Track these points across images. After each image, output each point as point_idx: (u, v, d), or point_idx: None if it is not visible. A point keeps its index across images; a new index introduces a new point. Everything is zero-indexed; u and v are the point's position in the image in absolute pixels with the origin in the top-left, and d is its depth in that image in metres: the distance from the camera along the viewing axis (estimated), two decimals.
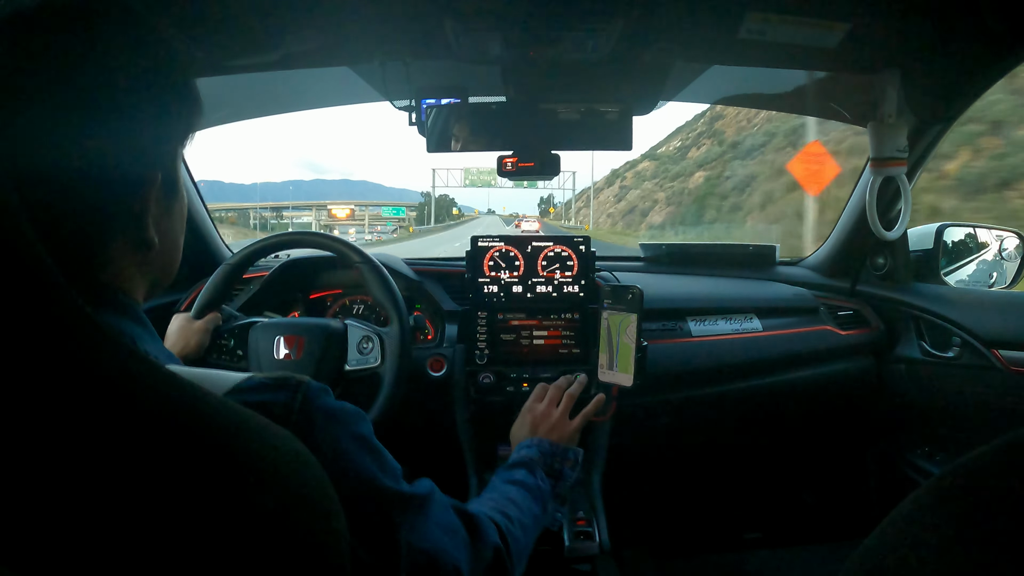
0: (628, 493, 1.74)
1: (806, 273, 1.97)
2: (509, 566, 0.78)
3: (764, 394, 1.72)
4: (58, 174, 0.48)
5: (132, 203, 0.54)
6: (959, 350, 1.57)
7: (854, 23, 1.18)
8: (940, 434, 1.73)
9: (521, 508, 0.89)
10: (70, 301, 0.33)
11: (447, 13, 1.13)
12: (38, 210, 0.35)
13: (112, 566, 0.33)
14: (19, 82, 0.46)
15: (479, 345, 1.54)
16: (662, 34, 1.25)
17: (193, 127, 0.61)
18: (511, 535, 0.82)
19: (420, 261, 1.84)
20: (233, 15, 1.13)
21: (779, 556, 1.71)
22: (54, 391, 0.32)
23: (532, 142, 1.38)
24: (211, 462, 0.37)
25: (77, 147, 0.49)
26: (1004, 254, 1.81)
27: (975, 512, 0.33)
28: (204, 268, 1.50)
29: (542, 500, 0.95)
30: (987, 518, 0.32)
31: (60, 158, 0.48)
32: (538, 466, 1.00)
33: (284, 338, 1.24)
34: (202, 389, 0.39)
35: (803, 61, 1.38)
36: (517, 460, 1.01)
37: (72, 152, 0.48)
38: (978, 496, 0.33)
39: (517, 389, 1.49)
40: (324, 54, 1.35)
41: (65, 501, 0.32)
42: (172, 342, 1.23)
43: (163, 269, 0.63)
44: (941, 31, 1.22)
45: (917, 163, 1.60)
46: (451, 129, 1.39)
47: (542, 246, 1.61)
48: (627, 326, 1.26)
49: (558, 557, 1.33)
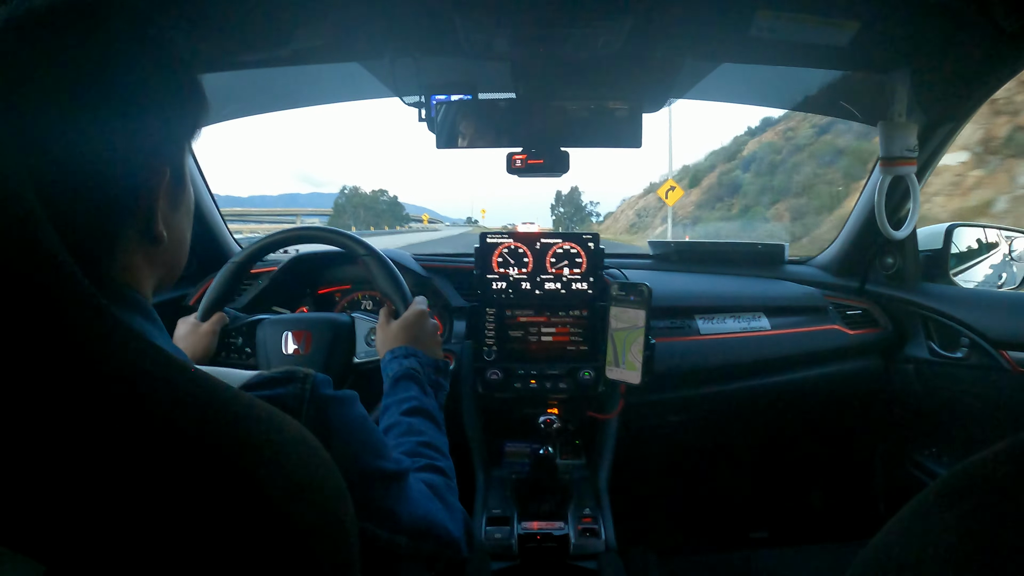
0: (634, 491, 1.74)
1: (815, 272, 1.97)
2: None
3: (772, 393, 1.72)
4: (68, 170, 0.49)
5: (141, 198, 0.55)
6: (967, 351, 1.57)
7: (864, 22, 1.18)
8: (948, 435, 1.73)
9: (431, 442, 0.91)
10: (87, 294, 0.34)
11: (457, 9, 1.13)
12: (49, 206, 0.35)
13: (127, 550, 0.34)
14: (29, 80, 0.47)
15: (487, 341, 1.54)
16: (672, 31, 1.24)
17: (200, 123, 0.62)
18: (448, 487, 0.86)
19: (429, 257, 1.84)
20: (243, 11, 1.14)
21: (785, 555, 1.71)
22: (70, 381, 0.32)
23: (541, 139, 1.38)
24: (223, 451, 0.38)
25: (86, 144, 0.49)
26: (1013, 255, 1.81)
27: (982, 513, 0.33)
28: (213, 263, 1.51)
29: (437, 421, 0.97)
30: (995, 519, 0.32)
31: (70, 154, 0.48)
32: (423, 380, 1.02)
33: (292, 333, 1.24)
34: (214, 380, 0.40)
35: (813, 60, 1.38)
36: (401, 372, 1.02)
37: (81, 149, 0.49)
38: (986, 497, 0.33)
39: (525, 386, 1.50)
40: (334, 50, 1.35)
41: (81, 488, 0.33)
42: (180, 348, 1.22)
43: (171, 264, 0.64)
44: (951, 30, 1.21)
45: (927, 163, 1.60)
46: (460, 125, 1.39)
47: (551, 243, 1.61)
48: (635, 336, 1.26)
49: (564, 554, 1.33)
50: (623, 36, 1.21)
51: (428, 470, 0.85)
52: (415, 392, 0.99)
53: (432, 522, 0.74)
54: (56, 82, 0.48)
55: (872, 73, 1.43)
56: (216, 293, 1.29)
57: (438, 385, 1.07)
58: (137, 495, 0.34)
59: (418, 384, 1.01)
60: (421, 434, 0.91)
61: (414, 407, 0.95)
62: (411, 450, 0.88)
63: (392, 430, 0.92)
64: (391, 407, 0.96)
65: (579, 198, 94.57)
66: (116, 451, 0.34)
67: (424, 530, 0.72)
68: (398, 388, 0.99)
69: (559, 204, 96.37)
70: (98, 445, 0.33)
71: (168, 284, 0.65)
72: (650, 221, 44.66)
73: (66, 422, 0.32)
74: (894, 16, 1.19)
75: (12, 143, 0.46)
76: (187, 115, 0.60)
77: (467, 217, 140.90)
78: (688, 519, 2.07)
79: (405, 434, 0.91)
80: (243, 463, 0.38)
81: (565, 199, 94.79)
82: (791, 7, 1.15)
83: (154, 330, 0.58)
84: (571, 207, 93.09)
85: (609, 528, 1.39)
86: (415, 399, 0.97)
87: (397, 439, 0.90)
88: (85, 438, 0.33)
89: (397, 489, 0.70)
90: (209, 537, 0.36)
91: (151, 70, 0.54)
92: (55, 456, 0.32)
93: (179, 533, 0.35)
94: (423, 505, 0.74)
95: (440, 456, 0.90)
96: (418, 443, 0.89)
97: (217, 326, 1.26)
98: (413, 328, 1.14)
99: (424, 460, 0.86)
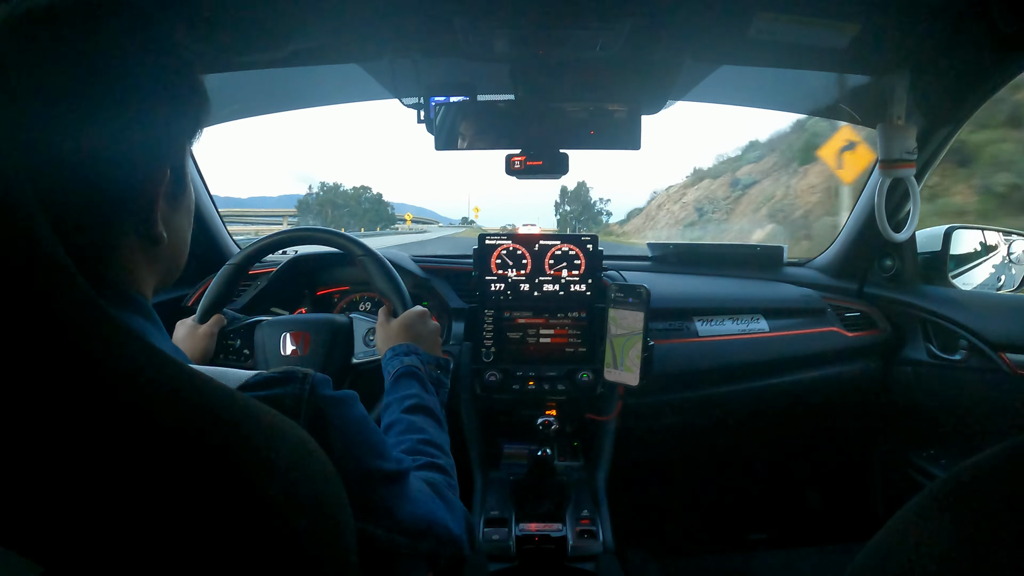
0: (632, 492, 1.74)
1: (813, 274, 1.97)
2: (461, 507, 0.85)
3: (770, 395, 1.72)
4: (67, 170, 0.49)
5: (141, 199, 0.55)
6: (966, 353, 1.57)
7: (864, 24, 1.18)
8: (946, 437, 1.73)
9: (432, 440, 0.92)
10: (86, 295, 0.34)
11: (457, 11, 1.14)
12: (48, 206, 0.35)
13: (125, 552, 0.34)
14: (28, 80, 0.47)
15: (485, 343, 1.54)
16: (671, 33, 1.25)
17: (201, 123, 0.62)
18: (448, 485, 0.86)
19: (428, 259, 1.84)
20: (243, 12, 1.14)
21: (784, 557, 1.70)
22: (68, 381, 0.32)
23: (540, 141, 1.38)
24: (220, 452, 0.37)
25: (86, 144, 0.49)
26: (1012, 257, 1.81)
27: (981, 515, 0.33)
28: (212, 263, 1.51)
29: (438, 419, 0.98)
30: (993, 521, 0.32)
31: (69, 155, 0.48)
32: (425, 377, 1.03)
33: (290, 334, 1.24)
34: (213, 381, 0.40)
35: (813, 62, 1.38)
36: (402, 369, 1.02)
37: (81, 149, 0.49)
38: (984, 499, 0.33)
39: (523, 387, 1.50)
40: (334, 51, 1.35)
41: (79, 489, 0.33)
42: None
43: (171, 265, 0.64)
44: (951, 32, 1.22)
45: (926, 165, 1.60)
46: (459, 127, 1.39)
47: (549, 244, 1.61)
48: (634, 342, 1.26)
49: (562, 556, 1.33)
50: (622, 38, 1.21)
51: (429, 468, 0.85)
52: (416, 389, 0.99)
53: (433, 521, 0.74)
54: (56, 82, 0.48)
55: (871, 75, 1.44)
56: (214, 294, 1.28)
57: (439, 383, 1.07)
58: (135, 496, 0.34)
59: (419, 381, 1.01)
60: (422, 431, 0.91)
61: (415, 404, 0.95)
62: (412, 448, 0.88)
63: (393, 427, 0.92)
64: (392, 404, 0.96)
65: (587, 195, 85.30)
66: (114, 452, 0.34)
67: (424, 529, 0.72)
68: (399, 385, 1.00)
69: (564, 202, 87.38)
70: (96, 446, 0.33)
71: (168, 284, 0.65)
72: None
73: (64, 423, 0.32)
74: (893, 19, 1.19)
75: (11, 143, 0.46)
76: (188, 116, 0.59)
77: (463, 217, 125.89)
78: (686, 521, 2.07)
79: (406, 431, 0.91)
80: (241, 464, 0.38)
81: (571, 196, 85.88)
82: (790, 9, 1.15)
83: (154, 330, 0.58)
84: (578, 205, 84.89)
85: (607, 530, 1.39)
86: (416, 396, 0.97)
87: (398, 436, 0.90)
88: (83, 439, 0.33)
89: (397, 489, 0.69)
90: (206, 538, 0.36)
91: (152, 70, 0.54)
92: (53, 457, 0.32)
93: (176, 534, 0.35)
94: (423, 504, 0.74)
95: (441, 454, 0.90)
96: (419, 440, 0.89)
97: (215, 327, 1.26)
98: (415, 326, 1.15)
99: (425, 458, 0.86)
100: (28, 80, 0.47)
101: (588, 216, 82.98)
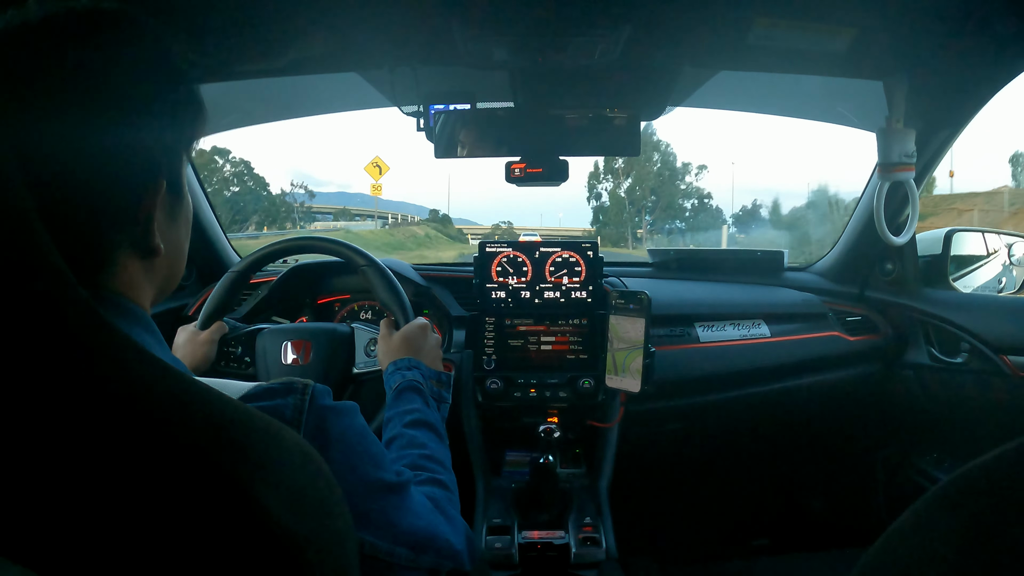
0: (635, 499, 1.74)
1: (814, 279, 1.97)
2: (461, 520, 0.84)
3: (772, 400, 1.72)
4: (63, 181, 0.48)
5: (138, 210, 0.54)
6: (968, 356, 1.57)
7: (862, 28, 1.18)
8: (949, 440, 1.73)
9: (434, 455, 0.91)
10: (85, 305, 0.34)
11: (456, 19, 1.14)
12: (45, 216, 0.35)
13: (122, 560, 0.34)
14: (24, 89, 0.47)
15: (487, 350, 1.54)
16: (670, 39, 1.25)
17: (198, 134, 0.61)
18: (450, 500, 0.86)
19: (429, 267, 1.84)
20: (242, 20, 1.14)
21: (786, 563, 1.70)
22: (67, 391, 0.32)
23: (540, 148, 1.38)
24: (220, 463, 0.37)
25: (82, 155, 0.49)
26: (1013, 259, 1.81)
27: (983, 518, 0.33)
28: (212, 273, 1.51)
29: (439, 434, 0.98)
30: (996, 524, 0.32)
31: (65, 165, 0.48)
32: (426, 392, 1.03)
33: (291, 343, 1.24)
34: (213, 391, 0.40)
35: (811, 66, 1.38)
36: (404, 384, 1.02)
37: (77, 160, 0.49)
38: (986, 502, 0.33)
39: (524, 395, 1.49)
40: (333, 59, 1.35)
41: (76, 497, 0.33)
42: (179, 356, 1.21)
43: (169, 275, 0.63)
44: (949, 36, 1.22)
45: (925, 168, 1.60)
46: (459, 135, 1.39)
47: (550, 252, 1.61)
48: (635, 355, 1.26)
49: (565, 564, 1.33)
50: (621, 44, 1.21)
51: (430, 483, 0.85)
52: (418, 404, 0.99)
53: (434, 534, 0.74)
54: (51, 92, 0.48)
55: (870, 79, 1.44)
56: (216, 302, 1.28)
57: (440, 398, 1.07)
58: (133, 505, 0.34)
59: (421, 396, 1.01)
60: (423, 447, 0.91)
61: (417, 419, 0.95)
62: (413, 463, 0.87)
63: (395, 442, 0.92)
64: (394, 418, 0.96)
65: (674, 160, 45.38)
66: (113, 461, 0.34)
67: (425, 542, 0.72)
68: (401, 399, 0.99)
69: (625, 176, 44.87)
70: (95, 455, 0.33)
71: (166, 295, 0.65)
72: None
73: (63, 432, 0.32)
74: (891, 22, 1.19)
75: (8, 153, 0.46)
76: (184, 126, 0.59)
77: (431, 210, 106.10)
78: (689, 527, 2.06)
79: (407, 446, 0.90)
80: (241, 475, 0.38)
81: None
82: (789, 14, 1.15)
83: (153, 341, 0.58)
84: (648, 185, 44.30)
85: (610, 537, 1.38)
86: (418, 411, 0.97)
87: (399, 451, 0.90)
88: (82, 448, 0.33)
89: (397, 500, 0.69)
90: (205, 549, 0.36)
91: (147, 80, 0.54)
92: (52, 465, 0.32)
93: (175, 544, 0.35)
94: (425, 517, 0.74)
95: (442, 469, 0.90)
96: (420, 455, 0.89)
97: (216, 334, 1.26)
98: (416, 340, 1.15)
99: (426, 473, 0.86)
100: (23, 90, 0.47)
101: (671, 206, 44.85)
